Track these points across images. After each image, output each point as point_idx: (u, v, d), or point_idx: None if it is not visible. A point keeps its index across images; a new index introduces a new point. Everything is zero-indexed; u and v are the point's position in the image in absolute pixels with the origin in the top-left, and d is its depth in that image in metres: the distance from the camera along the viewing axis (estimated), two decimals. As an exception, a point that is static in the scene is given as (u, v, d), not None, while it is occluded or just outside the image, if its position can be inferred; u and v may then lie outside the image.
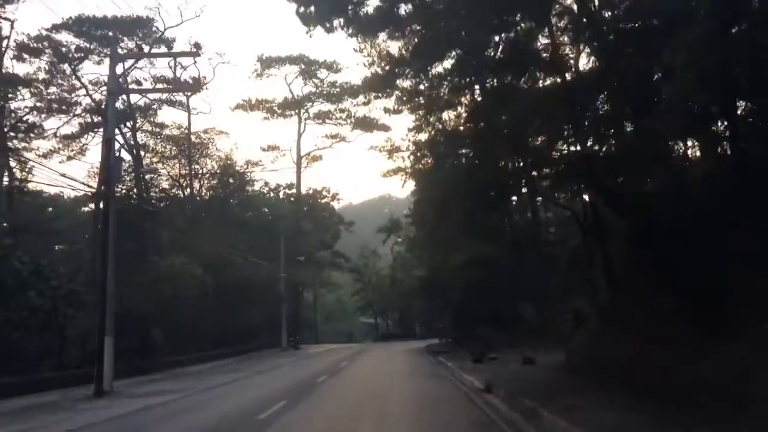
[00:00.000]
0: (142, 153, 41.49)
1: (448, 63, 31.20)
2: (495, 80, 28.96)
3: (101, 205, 19.11)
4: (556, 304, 27.86)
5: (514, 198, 38.49)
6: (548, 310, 30.07)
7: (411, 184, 43.31)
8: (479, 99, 34.76)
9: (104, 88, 41.92)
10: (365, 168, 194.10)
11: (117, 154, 17.53)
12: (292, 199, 54.63)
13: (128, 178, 39.06)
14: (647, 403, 9.21)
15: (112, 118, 18.70)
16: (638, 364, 12.18)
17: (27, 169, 37.79)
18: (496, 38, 18.05)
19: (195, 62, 42.68)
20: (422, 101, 33.66)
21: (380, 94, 38.21)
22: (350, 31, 34.02)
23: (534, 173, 23.69)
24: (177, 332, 32.43)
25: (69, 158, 40.74)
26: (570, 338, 20.00)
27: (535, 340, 27.61)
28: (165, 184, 41.54)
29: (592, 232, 17.12)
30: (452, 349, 32.05)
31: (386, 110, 41.95)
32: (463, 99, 36.58)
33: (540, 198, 31.14)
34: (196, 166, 43.42)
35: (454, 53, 33.24)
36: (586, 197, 18.60)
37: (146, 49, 42.41)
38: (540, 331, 28.30)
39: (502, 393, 11.72)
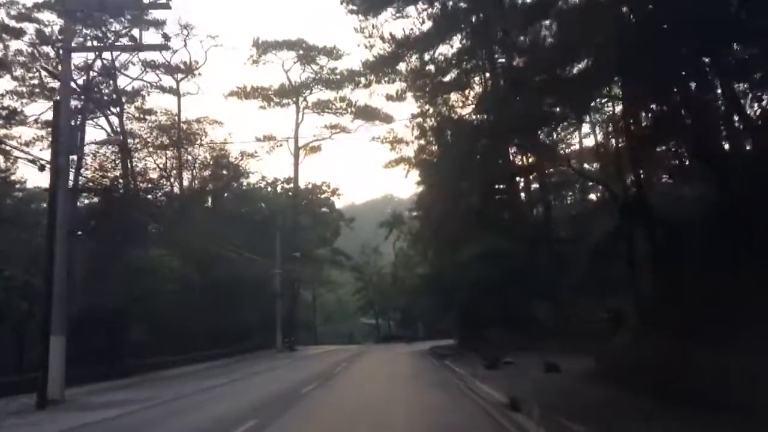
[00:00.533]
0: (130, 140, 39.04)
1: (455, 45, 28.65)
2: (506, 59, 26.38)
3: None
4: (576, 304, 25.20)
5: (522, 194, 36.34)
6: (564, 310, 27.41)
7: (415, 176, 40.84)
8: (489, 83, 32.36)
9: (91, 72, 39.91)
10: (367, 163, 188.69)
11: (77, 122, 14.95)
12: (290, 193, 51.91)
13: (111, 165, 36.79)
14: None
15: (66, 78, 16.12)
16: (702, 373, 9.57)
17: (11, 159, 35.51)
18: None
19: (185, 45, 40.06)
20: (428, 83, 31.22)
21: (382, 77, 35.79)
22: (352, 7, 31.60)
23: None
24: (163, 332, 29.85)
25: (50, 145, 38.14)
26: (601, 341, 17.44)
27: (551, 343, 24.92)
28: (154, 174, 38.90)
29: (633, 215, 14.41)
30: (458, 352, 29.37)
31: (389, 97, 39.51)
32: (472, 82, 34.14)
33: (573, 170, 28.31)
34: (188, 157, 40.85)
35: (463, 34, 30.70)
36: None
37: (136, 32, 40.24)
38: (556, 334, 25.62)
39: (536, 412, 9.04)
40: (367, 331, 71.76)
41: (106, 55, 38.56)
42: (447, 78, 30.69)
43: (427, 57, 30.95)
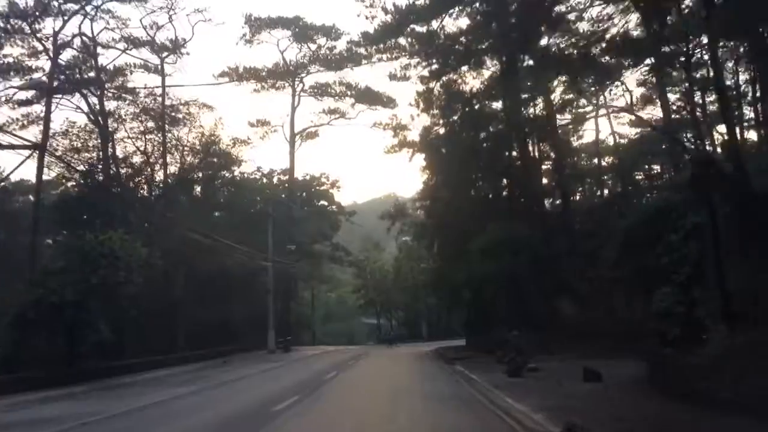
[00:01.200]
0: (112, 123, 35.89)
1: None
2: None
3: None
4: (608, 300, 21.93)
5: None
6: (592, 307, 24.12)
7: (419, 162, 37.44)
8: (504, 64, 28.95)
9: (69, 50, 36.79)
10: (368, 156, 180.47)
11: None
12: (285, 184, 48.65)
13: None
14: None
15: None
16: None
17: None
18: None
19: (171, 20, 36.85)
20: (437, 49, 27.93)
21: (384, 51, 32.53)
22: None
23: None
24: (135, 330, 26.70)
25: (23, 126, 35.14)
26: (652, 344, 14.18)
27: (577, 345, 21.68)
28: (139, 160, 35.69)
29: (714, 181, 11.05)
30: (469, 355, 26.02)
31: (391, 76, 36.20)
32: (484, 61, 30.82)
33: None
34: (174, 141, 37.60)
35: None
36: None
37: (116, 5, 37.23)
38: (584, 334, 22.34)
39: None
40: (369, 331, 68.34)
41: (87, 30, 35.55)
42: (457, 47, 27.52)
43: (435, 25, 27.79)
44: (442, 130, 30.91)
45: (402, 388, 14.55)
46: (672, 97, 34.84)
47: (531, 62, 26.68)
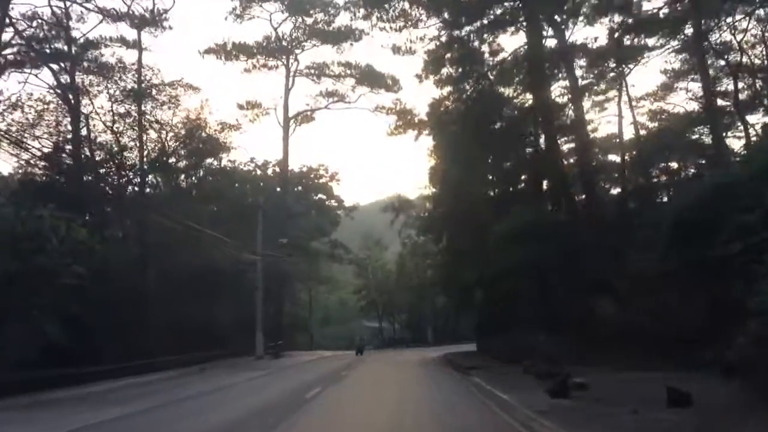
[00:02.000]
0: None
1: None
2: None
3: None
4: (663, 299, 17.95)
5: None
6: (632, 307, 20.17)
7: (426, 151, 33.54)
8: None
9: (36, 22, 33.05)
10: (371, 147, 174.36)
11: None
12: (278, 170, 44.65)
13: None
14: None
15: None
16: None
17: None
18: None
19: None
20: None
21: (387, 19, 28.64)
22: None
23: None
24: (93, 333, 22.80)
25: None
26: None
27: (617, 352, 17.80)
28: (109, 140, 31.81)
29: None
30: (485, 363, 22.06)
31: (395, 49, 32.21)
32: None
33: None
34: (153, 123, 33.76)
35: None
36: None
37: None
38: (621, 340, 18.43)
39: None
40: (371, 335, 64.26)
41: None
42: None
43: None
44: (452, 109, 27.01)
45: (408, 416, 10.54)
46: (694, 85, 31.93)
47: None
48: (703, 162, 30.49)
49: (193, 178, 38.18)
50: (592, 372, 15.29)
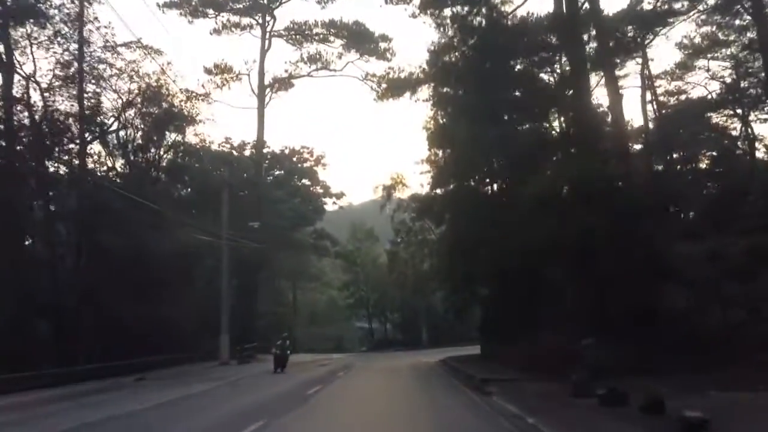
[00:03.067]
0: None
1: None
2: None
3: None
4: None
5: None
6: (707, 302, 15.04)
7: (424, 118, 28.33)
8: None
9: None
10: (362, 133, 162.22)
11: None
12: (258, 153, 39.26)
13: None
14: None
15: None
16: None
17: None
18: None
19: None
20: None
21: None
22: None
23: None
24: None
25: None
26: None
27: (697, 362, 12.71)
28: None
29: None
30: (501, 373, 16.74)
31: None
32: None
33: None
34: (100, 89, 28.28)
35: None
36: None
37: None
38: (698, 344, 13.28)
39: None
40: (362, 336, 58.82)
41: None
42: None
43: None
44: (458, 52, 21.77)
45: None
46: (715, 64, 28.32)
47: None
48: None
49: (152, 154, 32.73)
50: (679, 389, 10.15)
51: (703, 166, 26.52)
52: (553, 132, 19.53)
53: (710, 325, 13.79)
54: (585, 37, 20.04)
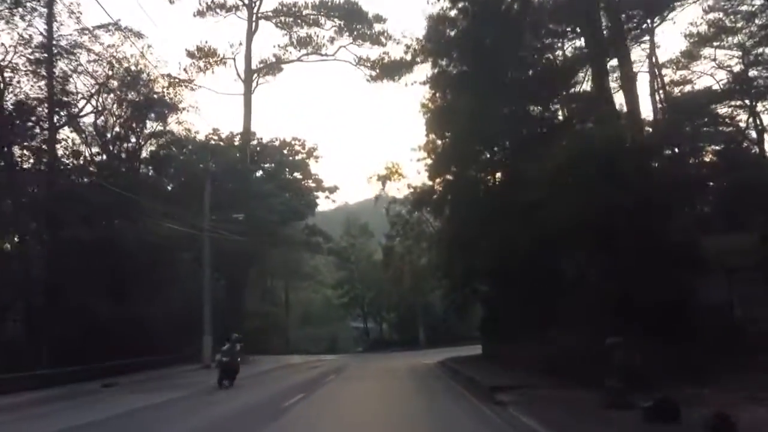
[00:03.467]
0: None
1: None
2: None
3: None
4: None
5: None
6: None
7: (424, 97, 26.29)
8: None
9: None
10: (354, 120, 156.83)
11: None
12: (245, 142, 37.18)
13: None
14: None
15: None
16: None
17: None
18: None
19: None
20: None
21: None
22: None
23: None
24: None
25: None
26: None
27: (732, 362, 10.87)
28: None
29: None
30: (512, 379, 14.85)
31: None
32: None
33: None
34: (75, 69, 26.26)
35: None
36: None
37: None
38: (750, 344, 11.41)
39: None
40: (358, 336, 56.72)
41: None
42: None
43: None
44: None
45: None
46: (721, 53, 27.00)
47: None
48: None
49: (132, 144, 30.71)
50: (738, 398, 8.29)
51: (707, 159, 24.92)
52: (564, 112, 17.60)
53: (758, 319, 11.95)
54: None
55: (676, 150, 23.34)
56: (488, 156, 19.02)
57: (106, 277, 22.82)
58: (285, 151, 43.51)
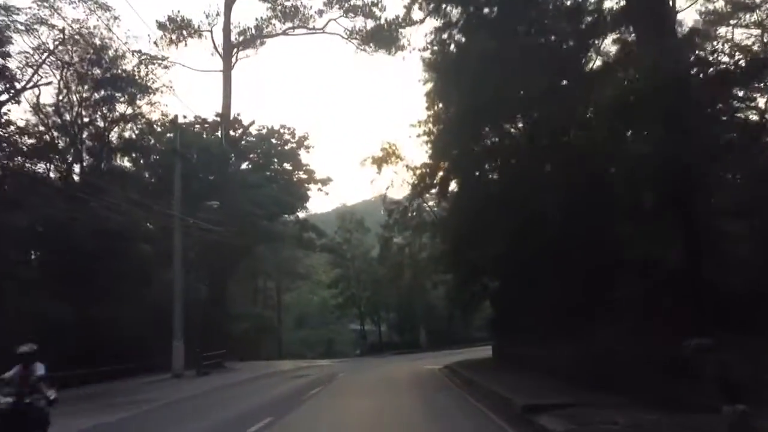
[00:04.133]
0: None
1: None
2: None
3: None
4: None
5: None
6: None
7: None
8: None
9: None
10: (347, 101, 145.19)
11: None
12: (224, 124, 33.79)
13: None
14: None
15: None
16: None
17: None
18: None
19: None
20: None
21: None
22: None
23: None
24: None
25: None
26: None
27: None
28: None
29: None
30: (527, 381, 11.61)
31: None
32: None
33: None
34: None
35: None
36: None
37: None
38: None
39: None
40: (356, 339, 53.27)
41: None
42: None
43: None
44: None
45: None
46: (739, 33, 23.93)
47: None
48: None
49: (98, 126, 27.44)
50: None
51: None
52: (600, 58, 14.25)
53: None
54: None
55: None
56: (509, 108, 15.45)
57: (54, 273, 19.51)
58: (273, 141, 40.30)
